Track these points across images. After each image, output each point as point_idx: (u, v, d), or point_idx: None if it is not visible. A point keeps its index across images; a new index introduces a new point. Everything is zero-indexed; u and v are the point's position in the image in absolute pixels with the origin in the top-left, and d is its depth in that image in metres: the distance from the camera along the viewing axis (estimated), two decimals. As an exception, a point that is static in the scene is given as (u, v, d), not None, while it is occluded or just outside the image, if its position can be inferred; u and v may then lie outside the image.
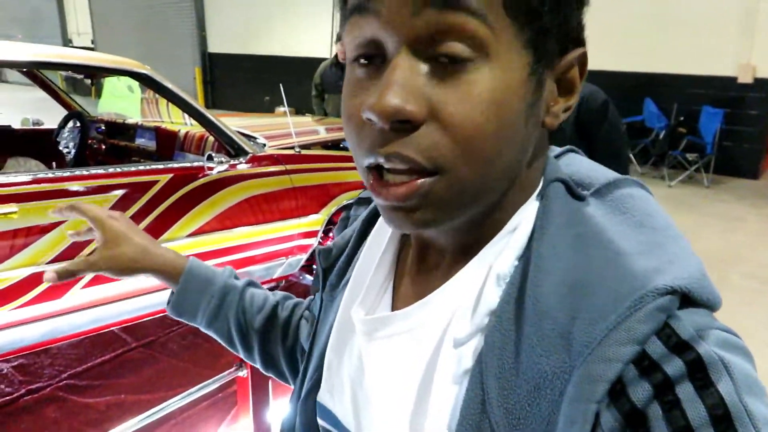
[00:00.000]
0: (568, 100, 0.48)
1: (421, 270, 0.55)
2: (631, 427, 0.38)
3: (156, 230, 2.48)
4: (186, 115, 3.25)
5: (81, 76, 3.05)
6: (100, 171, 2.37)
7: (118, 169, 2.39)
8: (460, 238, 0.50)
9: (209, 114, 2.73)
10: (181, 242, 2.57)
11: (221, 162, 2.72)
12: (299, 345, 0.80)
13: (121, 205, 2.35)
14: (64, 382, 2.93)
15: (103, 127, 3.43)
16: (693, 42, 7.32)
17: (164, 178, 2.51)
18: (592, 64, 0.50)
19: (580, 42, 0.48)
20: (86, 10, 15.37)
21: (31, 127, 3.60)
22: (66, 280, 0.76)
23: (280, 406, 2.68)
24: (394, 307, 0.55)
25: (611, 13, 7.25)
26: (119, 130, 3.49)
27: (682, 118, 7.54)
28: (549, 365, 0.41)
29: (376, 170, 0.45)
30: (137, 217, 2.42)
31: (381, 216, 0.60)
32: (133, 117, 3.59)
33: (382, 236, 0.59)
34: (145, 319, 2.60)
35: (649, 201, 0.48)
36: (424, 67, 0.42)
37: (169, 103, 3.43)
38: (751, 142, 7.43)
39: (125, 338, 3.47)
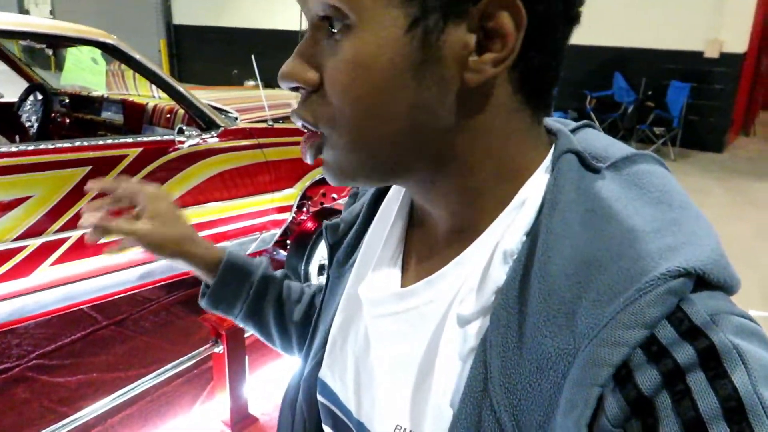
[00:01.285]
0: (499, 52, 0.43)
1: (427, 248, 0.54)
2: (636, 415, 0.36)
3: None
4: (154, 88, 3.16)
5: (42, 46, 2.90)
6: (67, 144, 2.29)
7: (86, 143, 2.31)
8: (457, 214, 0.50)
9: (179, 86, 2.65)
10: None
11: (192, 135, 2.65)
12: None
13: (87, 181, 2.28)
14: (33, 362, 2.88)
15: (67, 100, 3.32)
16: (663, 17, 7.39)
17: (133, 152, 2.44)
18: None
19: None
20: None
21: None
22: (103, 237, 0.74)
23: (257, 381, 2.68)
24: (402, 285, 0.54)
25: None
26: (84, 103, 3.38)
27: (650, 93, 7.64)
28: (553, 346, 0.40)
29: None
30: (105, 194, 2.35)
31: (391, 187, 0.61)
32: (99, 90, 3.47)
33: (390, 213, 0.58)
34: (115, 297, 2.55)
35: (668, 178, 0.46)
36: (321, 38, 0.45)
37: (137, 76, 3.33)
38: (716, 116, 7.59)
39: (95, 316, 3.41)
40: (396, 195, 0.59)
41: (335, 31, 0.43)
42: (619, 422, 0.36)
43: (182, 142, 2.62)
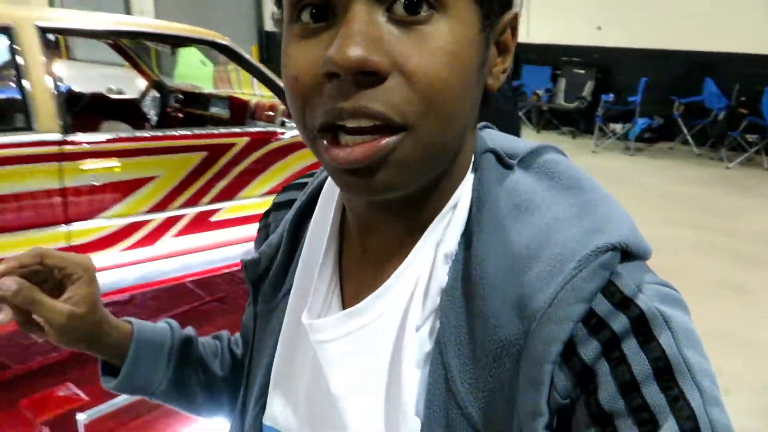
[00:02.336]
0: (505, 63, 0.49)
1: (368, 263, 0.52)
2: (581, 384, 0.39)
3: (234, 189, 2.73)
4: (256, 86, 3.48)
5: (156, 48, 3.31)
6: (186, 132, 2.62)
7: (203, 131, 2.63)
8: (407, 218, 0.49)
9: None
10: (256, 200, 2.81)
11: (292, 128, 2.93)
12: None
13: (203, 165, 2.60)
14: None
15: (181, 96, 3.71)
16: (758, 20, 7.12)
17: (242, 141, 2.75)
18: (647, 43, 0.53)
19: (511, 5, 0.48)
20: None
21: (117, 96, 3.91)
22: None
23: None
24: (346, 305, 0.53)
25: (672, -9, 7.13)
26: (194, 99, 3.76)
27: (743, 99, 7.37)
28: (504, 334, 0.42)
29: (331, 133, 0.42)
30: (217, 178, 2.66)
31: (315, 210, 0.58)
32: (206, 88, 3.85)
33: (321, 235, 0.56)
34: (221, 272, 2.86)
35: (571, 165, 0.49)
36: (382, 19, 0.40)
37: (240, 76, 3.68)
38: (815, 124, 7.21)
39: (199, 292, 3.77)
40: (321, 217, 0.58)
41: (420, 15, 0.40)
42: (567, 393, 0.40)
43: (283, 134, 2.90)
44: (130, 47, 3.75)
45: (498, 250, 0.44)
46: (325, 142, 0.42)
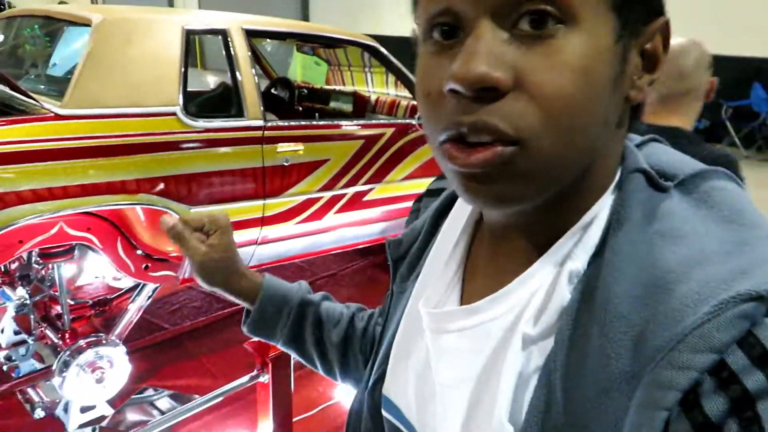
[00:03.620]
0: (652, 74, 0.46)
1: (493, 265, 0.53)
2: None
3: (383, 173, 3.12)
4: (390, 83, 3.89)
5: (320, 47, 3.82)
6: (351, 122, 3.05)
7: (363, 122, 3.03)
8: (537, 231, 0.49)
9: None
10: (399, 183, 3.20)
11: (426, 121, 3.31)
12: None
13: (361, 150, 2.99)
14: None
15: (306, 91, 4.11)
16: (809, 28, 7.39)
17: (389, 131, 3.13)
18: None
19: (662, 12, 0.46)
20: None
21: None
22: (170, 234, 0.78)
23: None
24: (463, 302, 0.54)
25: (725, -2, 7.42)
26: (315, 94, 4.16)
27: (791, 104, 7.65)
28: (618, 368, 0.39)
29: (455, 141, 0.43)
30: (371, 162, 3.05)
31: (455, 203, 0.61)
32: (320, 84, 4.26)
33: (455, 229, 0.58)
34: (367, 245, 3.25)
35: (740, 195, 0.46)
36: (506, 35, 0.41)
37: (353, 75, 4.09)
38: None
39: (310, 270, 4.16)
40: (460, 211, 0.59)
41: (547, 29, 0.40)
42: None
43: (420, 126, 3.28)
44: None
45: (629, 277, 0.41)
46: (448, 146, 0.43)
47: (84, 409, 2.29)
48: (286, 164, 2.69)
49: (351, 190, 2.99)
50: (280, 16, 3.14)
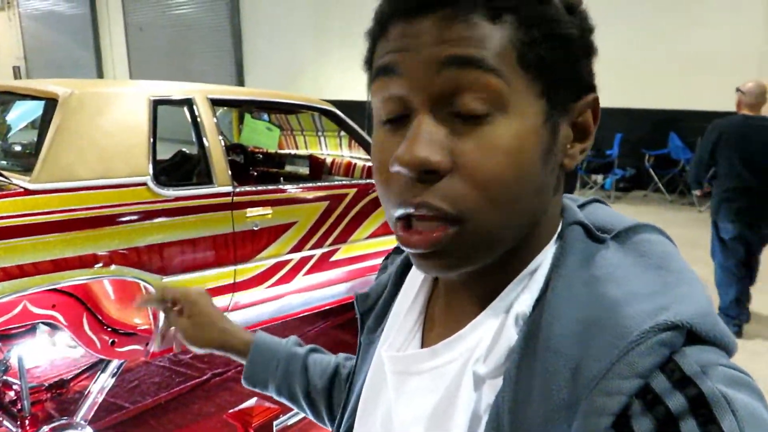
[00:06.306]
0: (584, 143, 0.51)
1: (449, 313, 0.56)
2: None
3: (348, 232, 3.16)
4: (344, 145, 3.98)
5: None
6: (316, 184, 3.11)
7: (327, 183, 3.09)
8: (487, 282, 0.52)
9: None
10: (363, 242, 3.24)
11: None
12: None
13: (328, 211, 3.04)
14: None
15: (261, 156, 4.15)
16: (713, 81, 8.11)
17: (352, 191, 3.20)
18: (621, 103, 0.73)
19: (592, 88, 0.51)
20: (124, 59, 16.28)
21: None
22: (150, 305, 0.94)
23: None
24: (424, 347, 0.57)
25: (638, 55, 8.07)
26: (270, 158, 4.21)
27: (705, 150, 8.27)
28: (559, 399, 0.43)
29: (404, 220, 0.47)
30: (337, 222, 3.09)
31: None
32: (272, 150, 4.31)
33: (415, 282, 0.62)
34: (335, 305, 3.25)
35: (668, 245, 0.50)
36: (444, 123, 0.46)
37: (306, 139, 4.17)
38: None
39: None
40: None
41: (479, 118, 0.45)
42: None
43: (381, 185, 3.37)
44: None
45: (568, 316, 0.45)
46: (399, 227, 0.48)
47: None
48: (255, 228, 2.70)
49: (318, 252, 3.01)
50: (217, 81, 3.19)
